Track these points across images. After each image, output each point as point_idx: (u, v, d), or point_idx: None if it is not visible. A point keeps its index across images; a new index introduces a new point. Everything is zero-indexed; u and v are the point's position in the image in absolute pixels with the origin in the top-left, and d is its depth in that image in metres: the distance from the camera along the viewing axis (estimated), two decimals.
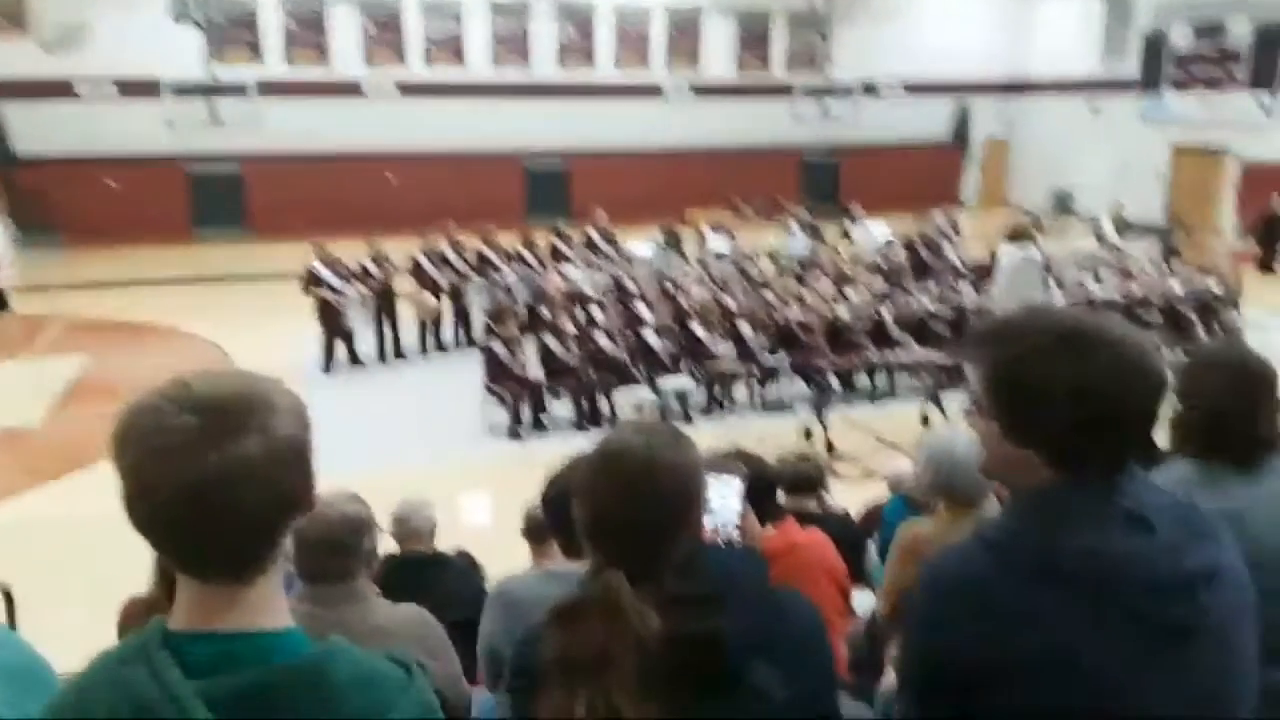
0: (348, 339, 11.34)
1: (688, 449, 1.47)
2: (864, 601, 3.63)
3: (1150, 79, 22.09)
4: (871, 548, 4.37)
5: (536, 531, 3.36)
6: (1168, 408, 2.23)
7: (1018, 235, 9.56)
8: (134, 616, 2.96)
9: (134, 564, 2.94)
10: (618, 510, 1.40)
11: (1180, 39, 21.40)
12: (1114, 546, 1.30)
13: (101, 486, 1.31)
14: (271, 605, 1.17)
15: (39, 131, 19.26)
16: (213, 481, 1.06)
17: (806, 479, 4.36)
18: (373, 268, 11.66)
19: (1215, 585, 1.32)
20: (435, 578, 3.79)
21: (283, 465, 1.11)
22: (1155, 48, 21.96)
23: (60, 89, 19.46)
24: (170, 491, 1.06)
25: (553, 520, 2.69)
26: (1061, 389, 1.32)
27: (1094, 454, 1.34)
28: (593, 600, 1.35)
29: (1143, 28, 22.19)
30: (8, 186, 19.28)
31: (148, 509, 1.09)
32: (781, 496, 3.69)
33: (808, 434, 8.65)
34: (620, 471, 1.42)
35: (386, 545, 3.64)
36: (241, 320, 12.59)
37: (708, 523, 1.62)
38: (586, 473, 1.46)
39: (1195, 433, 2.16)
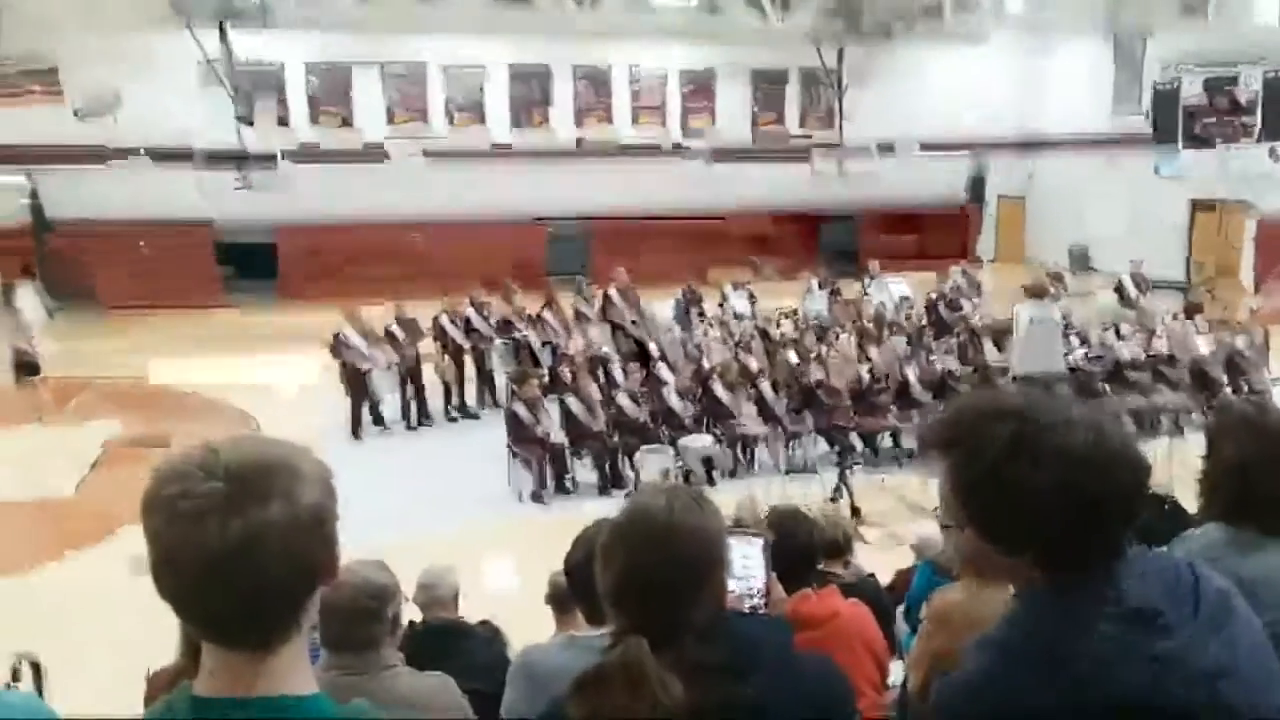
0: (374, 404, 11.42)
1: (710, 512, 1.47)
2: (894, 672, 3.58)
3: (1163, 133, 22.19)
4: (900, 616, 4.31)
5: (561, 599, 3.35)
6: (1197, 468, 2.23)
7: (1037, 293, 9.55)
8: (161, 687, 2.96)
9: (162, 634, 2.95)
10: (639, 573, 1.41)
11: (1191, 92, 21.53)
12: (1122, 649, 1.24)
13: (131, 555, 1.34)
14: (297, 671, 1.18)
15: (71, 198, 19.73)
16: (236, 548, 1.07)
17: (833, 544, 4.33)
18: (399, 332, 11.79)
19: (1235, 674, 1.26)
20: (458, 647, 3.78)
21: (306, 533, 1.12)
22: (1166, 101, 22.09)
23: (93, 155, 19.99)
24: (194, 558, 1.08)
25: (576, 587, 2.68)
26: (1044, 487, 1.26)
27: (1087, 549, 1.30)
28: (615, 668, 1.34)
29: (1153, 81, 22.37)
30: (40, 252, 19.72)
31: (173, 575, 1.11)
32: None
33: (834, 497, 8.59)
34: (642, 534, 1.43)
35: (410, 612, 3.64)
36: (270, 385, 12.71)
37: (731, 586, 1.62)
38: (609, 535, 1.47)
39: (1222, 494, 2.13)
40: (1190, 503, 3.26)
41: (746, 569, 1.97)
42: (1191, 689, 1.24)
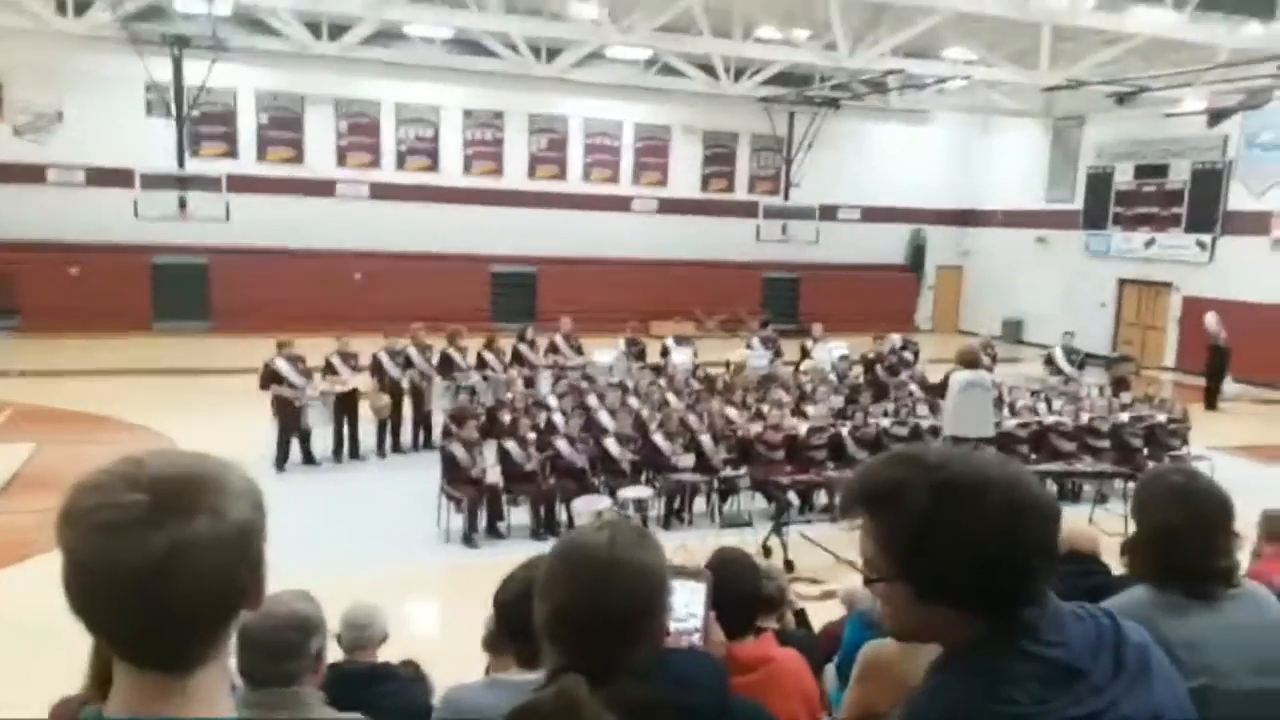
0: (304, 437, 11.18)
1: (651, 549, 1.45)
2: None
3: (1094, 214, 23.15)
4: (829, 670, 4.29)
5: (493, 642, 3.27)
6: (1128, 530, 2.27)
7: (968, 361, 9.78)
8: (64, 717, 2.82)
9: (68, 665, 2.82)
10: (578, 606, 1.38)
11: (1123, 178, 22.52)
12: (1049, 712, 1.25)
13: (37, 582, 1.28)
14: (213, 694, 1.12)
15: (4, 216, 19.20)
16: (157, 564, 1.02)
17: (768, 599, 4.30)
18: (337, 364, 11.60)
19: None
20: (382, 689, 3.67)
21: (232, 551, 1.08)
22: (1099, 185, 23.08)
23: (30, 174, 19.52)
24: (112, 571, 1.02)
25: (505, 625, 2.61)
26: (964, 537, 1.29)
27: (1011, 594, 1.31)
28: (549, 705, 1.31)
29: (1088, 165, 23.36)
30: None
31: (88, 588, 1.04)
32: None
33: (767, 551, 8.59)
34: (582, 567, 1.40)
35: (334, 652, 3.53)
36: (196, 414, 12.39)
37: (670, 626, 1.60)
38: (548, 568, 1.44)
39: (1149, 557, 2.16)
40: (1114, 567, 3.33)
41: (687, 609, 1.95)
42: None
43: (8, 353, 16.86)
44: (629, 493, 8.92)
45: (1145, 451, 11.25)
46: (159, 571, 1.02)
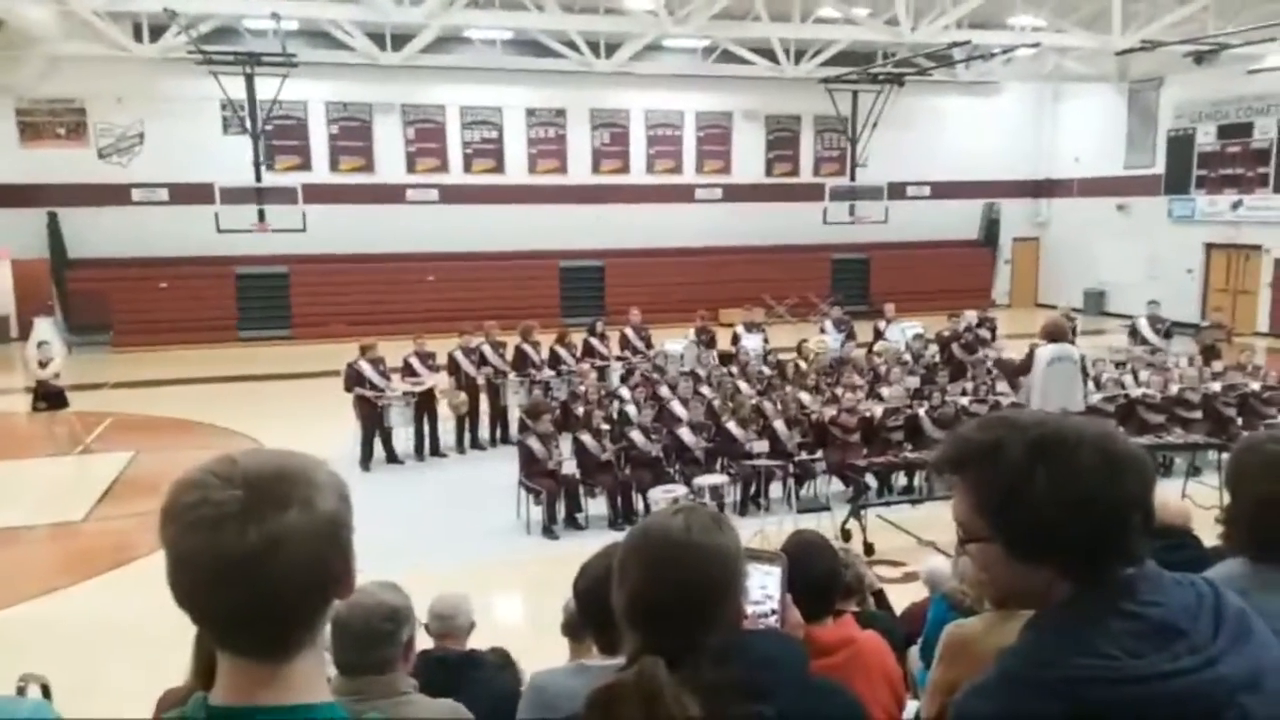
0: (386, 437, 11.46)
1: (727, 532, 1.46)
2: (909, 709, 3.53)
3: (1176, 178, 22.29)
4: (914, 652, 4.26)
5: (575, 628, 3.33)
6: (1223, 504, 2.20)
7: (1054, 335, 9.49)
8: (170, 706, 2.95)
9: (171, 660, 2.97)
10: (654, 591, 1.40)
11: (1206, 139, 21.65)
12: (1144, 667, 1.24)
13: (140, 583, 1.35)
14: (311, 680, 1.18)
15: (93, 235, 20.06)
16: (254, 554, 1.08)
17: (847, 585, 4.28)
18: (416, 364, 11.85)
19: (1258, 690, 1.25)
20: (470, 676, 3.75)
21: (323, 540, 1.13)
22: (1181, 148, 22.22)
23: (116, 194, 20.33)
24: (213, 563, 1.08)
25: (585, 612, 2.66)
26: (1060, 493, 1.28)
27: (1107, 551, 1.31)
28: (629, 686, 1.33)
29: (1168, 128, 22.50)
30: (62, 288, 20.01)
31: (190, 581, 1.11)
32: None
33: (846, 535, 8.53)
34: (656, 552, 1.42)
35: (423, 641, 3.63)
36: (283, 417, 12.81)
37: (747, 610, 1.61)
38: (624, 553, 1.47)
39: (1244, 530, 2.12)
40: (1208, 541, 3.24)
41: (764, 592, 1.95)
42: (1215, 705, 1.23)
43: (103, 366, 17.62)
44: (704, 480, 8.95)
45: (1239, 421, 10.83)
46: (256, 562, 1.08)
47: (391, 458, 11.51)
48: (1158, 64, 21.05)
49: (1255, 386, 11.37)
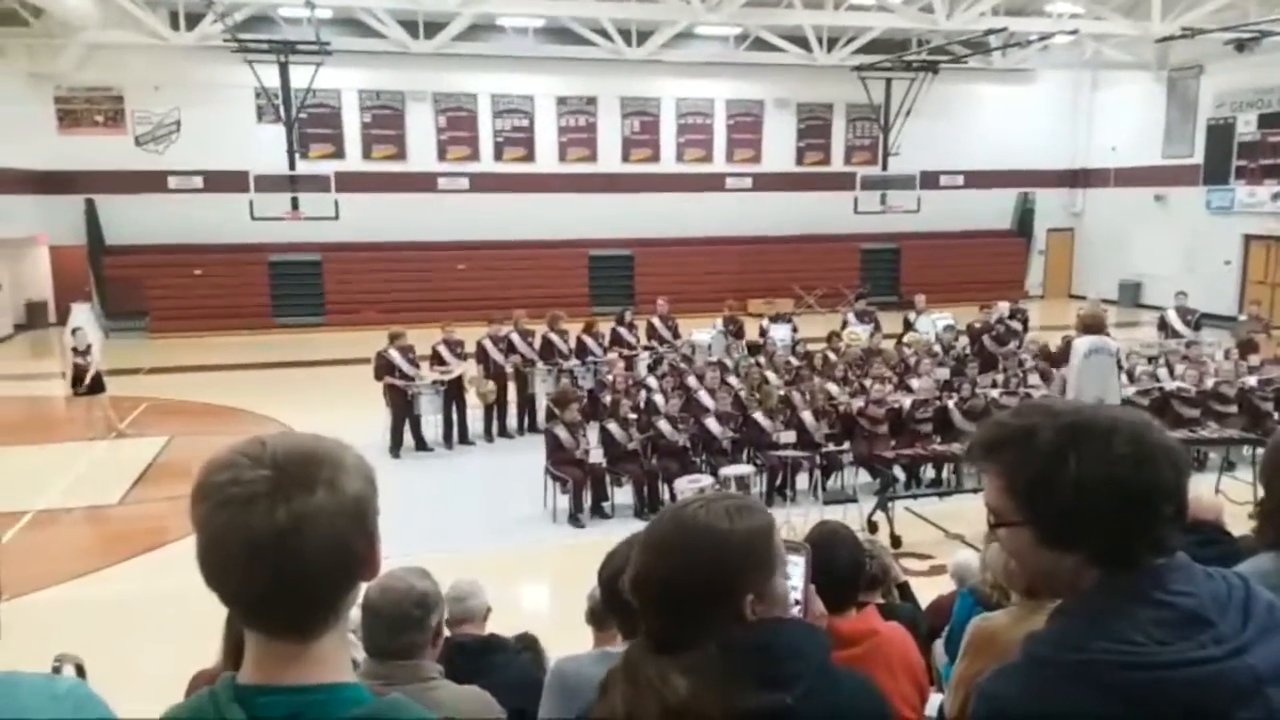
0: (415, 424, 11.54)
1: (747, 519, 1.45)
2: (932, 702, 3.52)
3: (1216, 168, 21.88)
4: (938, 646, 4.24)
5: (599, 616, 3.35)
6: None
7: (1092, 326, 9.35)
8: (201, 685, 3.00)
9: (202, 641, 3.02)
10: (657, 573, 1.41)
11: (1246, 128, 21.23)
12: (1169, 654, 1.23)
13: (173, 566, 1.38)
14: (336, 660, 1.21)
15: (129, 222, 20.35)
16: (282, 532, 1.11)
17: (872, 576, 4.26)
18: (445, 353, 11.93)
19: None
20: (493, 662, 3.78)
21: (349, 521, 1.16)
22: (1221, 137, 21.80)
23: (152, 182, 20.60)
24: (241, 542, 1.11)
25: (609, 600, 2.67)
26: (1092, 479, 1.28)
27: (1137, 540, 1.31)
28: (618, 669, 1.37)
29: (1208, 117, 22.08)
30: (99, 275, 20.34)
31: (219, 560, 1.14)
32: None
33: (872, 527, 8.51)
34: (667, 534, 1.44)
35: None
36: (315, 403, 12.96)
37: (791, 596, 1.61)
38: (641, 535, 1.49)
39: (1276, 523, 2.11)
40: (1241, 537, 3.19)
41: (788, 582, 1.95)
42: (1241, 695, 1.22)
43: (139, 352, 17.89)
44: (730, 470, 8.94)
45: (1276, 416, 10.65)
46: (284, 541, 1.11)
47: (421, 445, 11.60)
48: (1198, 52, 20.65)
49: None
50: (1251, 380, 11.11)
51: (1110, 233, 24.78)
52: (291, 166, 19.69)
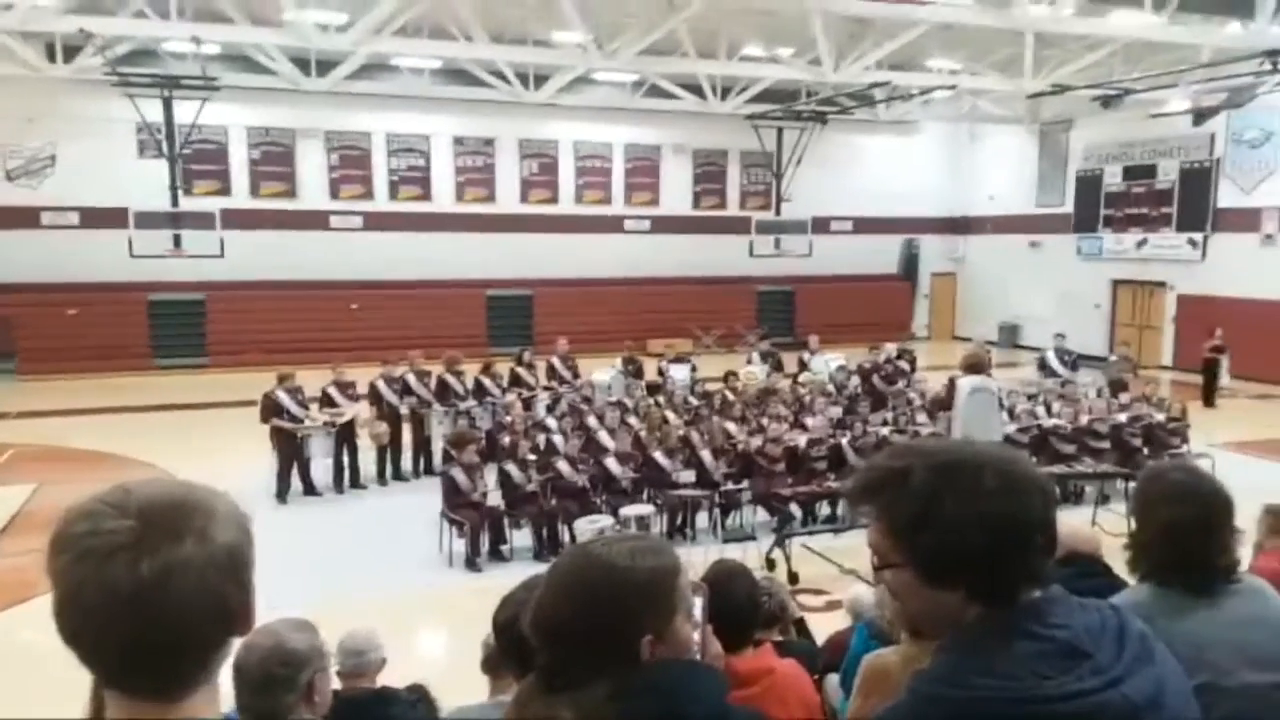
0: (305, 468, 11.17)
1: (651, 559, 1.44)
2: None
3: (1085, 217, 23.23)
4: (832, 680, 4.28)
5: (493, 663, 3.26)
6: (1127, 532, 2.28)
7: (975, 366, 9.75)
8: None
9: (69, 704, 2.82)
10: (552, 606, 1.40)
11: (1112, 179, 22.63)
12: (1049, 688, 1.26)
13: (38, 622, 1.28)
14: None
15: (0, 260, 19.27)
16: (147, 587, 1.02)
17: (770, 614, 4.29)
18: (335, 395, 11.60)
19: (1159, 711, 1.29)
20: (384, 714, 3.65)
21: (221, 573, 1.08)
22: (1089, 188, 23.18)
23: (24, 218, 19.58)
24: (102, 597, 1.03)
25: (504, 645, 2.60)
26: (965, 515, 1.31)
27: (1013, 572, 1.34)
28: (509, 709, 1.36)
29: (1077, 168, 23.47)
30: None
31: (78, 615, 1.05)
32: None
33: (770, 563, 8.58)
34: (565, 569, 1.43)
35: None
36: (197, 448, 12.38)
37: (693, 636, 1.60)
38: (546, 573, 1.48)
39: (1149, 553, 2.17)
40: (1118, 568, 3.33)
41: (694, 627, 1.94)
42: None
43: (6, 395, 16.89)
44: (631, 510, 8.91)
45: (1145, 451, 11.26)
46: (149, 594, 1.03)
47: (309, 489, 11.22)
48: (1067, 107, 21.96)
49: (1160, 418, 11.85)
50: (1122, 417, 11.71)
51: (990, 277, 25.98)
52: (174, 203, 19.01)
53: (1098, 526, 8.29)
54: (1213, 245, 20.49)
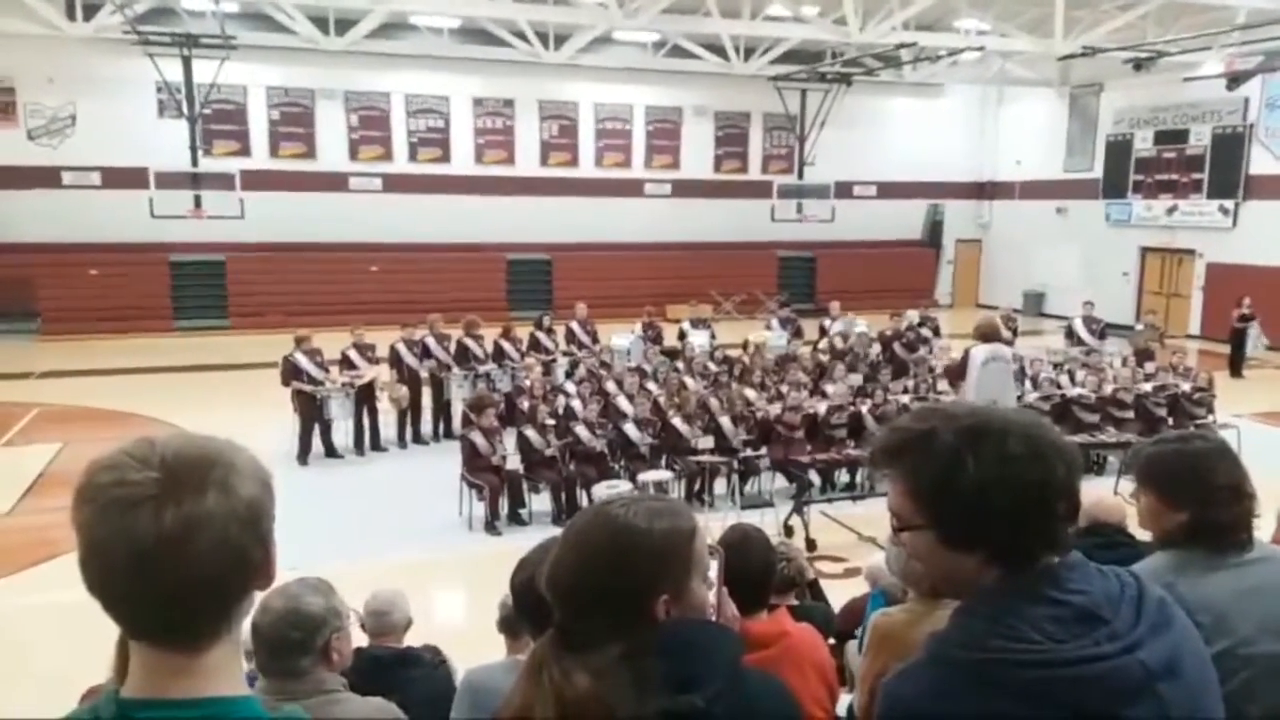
0: (325, 430, 11.23)
1: (667, 521, 1.43)
2: (843, 702, 3.54)
3: (1114, 183, 22.84)
4: (851, 646, 4.28)
5: (510, 624, 3.28)
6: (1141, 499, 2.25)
7: (988, 335, 9.67)
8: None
9: (96, 656, 2.85)
10: (568, 565, 1.40)
11: (1143, 144, 22.21)
12: (1066, 652, 1.27)
13: (66, 579, 1.29)
14: (228, 672, 1.14)
15: (20, 219, 19.38)
16: (170, 538, 1.04)
17: (787, 579, 4.28)
18: (355, 357, 11.64)
19: (1176, 678, 1.30)
20: (404, 675, 3.68)
21: (242, 526, 1.10)
22: (1119, 153, 22.77)
23: (45, 177, 19.68)
24: (126, 548, 1.04)
25: (521, 607, 2.61)
26: (989, 479, 1.31)
27: (1034, 537, 1.34)
28: (524, 665, 1.37)
29: (1107, 133, 23.04)
30: None
31: (102, 566, 1.07)
32: None
33: (789, 530, 8.58)
34: (583, 528, 1.44)
35: (359, 637, 3.55)
36: (219, 409, 12.46)
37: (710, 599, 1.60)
38: (562, 532, 1.48)
39: (1169, 522, 2.16)
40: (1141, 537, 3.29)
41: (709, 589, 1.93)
42: (1134, 691, 1.27)
43: (30, 355, 17.06)
44: (649, 476, 8.92)
45: (1170, 421, 11.13)
46: (171, 546, 1.04)
47: (330, 452, 11.29)
48: (1098, 70, 21.53)
49: (1185, 387, 11.70)
50: (1147, 387, 11.58)
51: (1015, 244, 25.65)
52: (194, 163, 19.04)
53: (1120, 495, 8.22)
54: (1244, 213, 20.12)
